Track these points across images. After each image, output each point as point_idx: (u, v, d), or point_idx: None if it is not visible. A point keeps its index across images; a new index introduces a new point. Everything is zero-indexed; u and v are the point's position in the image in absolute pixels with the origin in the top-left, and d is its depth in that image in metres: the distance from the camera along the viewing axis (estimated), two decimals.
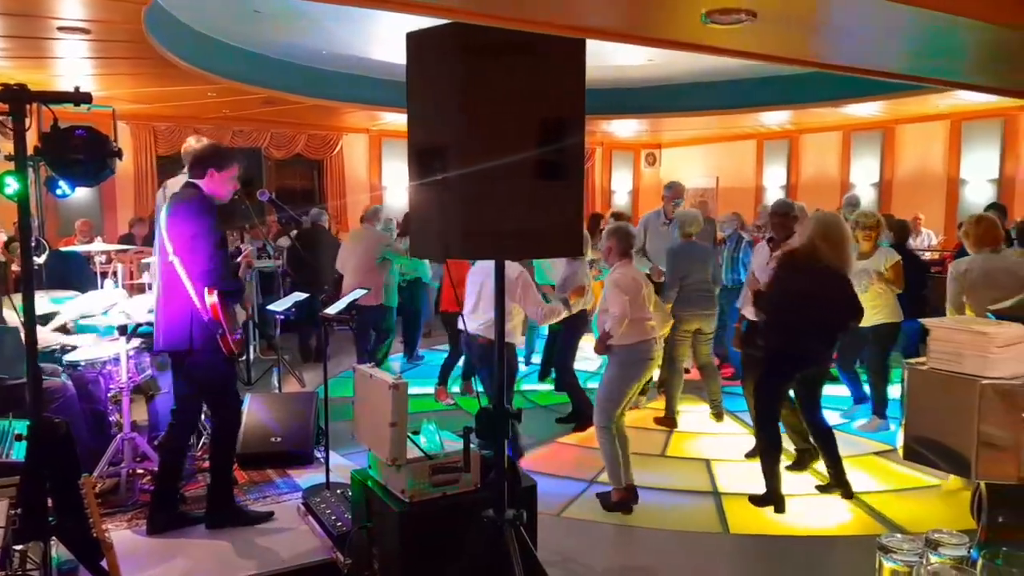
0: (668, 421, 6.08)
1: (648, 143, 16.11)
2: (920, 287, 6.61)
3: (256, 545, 3.82)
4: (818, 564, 3.80)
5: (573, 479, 4.92)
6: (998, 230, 4.66)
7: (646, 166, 16.41)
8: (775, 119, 12.56)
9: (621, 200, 16.17)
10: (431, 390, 6.79)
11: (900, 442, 1.15)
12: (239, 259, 4.59)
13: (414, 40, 2.28)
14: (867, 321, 4.80)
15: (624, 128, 14.21)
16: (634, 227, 5.67)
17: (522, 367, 7.63)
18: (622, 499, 4.39)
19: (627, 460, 4.43)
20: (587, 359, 7.14)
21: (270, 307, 6.03)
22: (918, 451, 1.05)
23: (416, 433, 3.12)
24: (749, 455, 5.27)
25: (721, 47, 1.00)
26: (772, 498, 4.40)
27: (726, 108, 11.39)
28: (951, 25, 0.98)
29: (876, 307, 5.52)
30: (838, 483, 4.55)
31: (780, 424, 4.60)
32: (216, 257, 3.71)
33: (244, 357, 6.65)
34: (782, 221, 5.21)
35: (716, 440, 5.78)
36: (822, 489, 4.66)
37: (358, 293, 4.51)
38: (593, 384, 6.31)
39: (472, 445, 2.87)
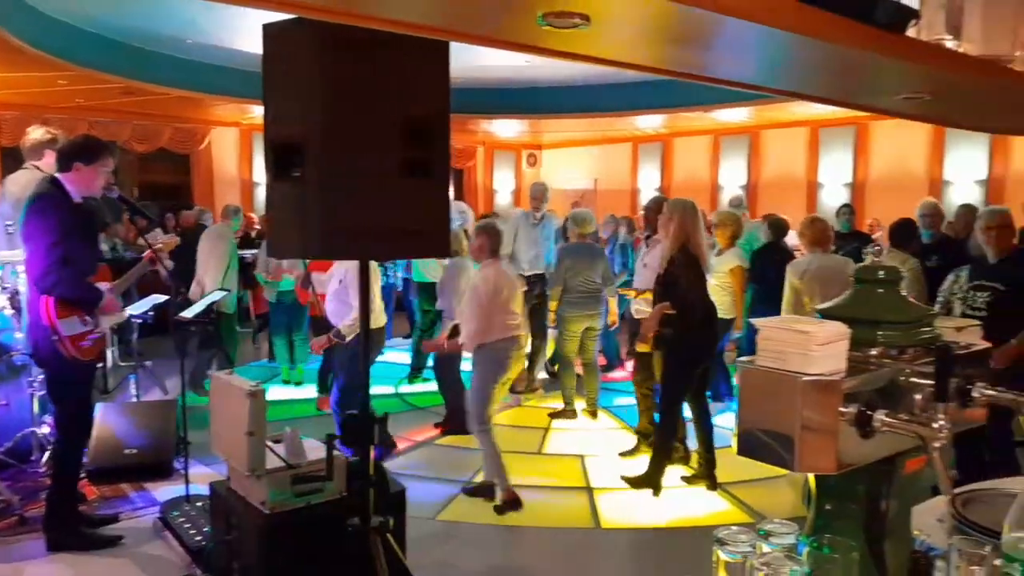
0: (568, 413, 6.18)
1: (529, 144, 16.30)
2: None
3: (103, 567, 3.56)
4: (682, 554, 3.92)
5: (448, 481, 4.88)
6: (830, 231, 4.98)
7: (527, 166, 16.60)
8: (649, 123, 12.99)
9: (504, 200, 16.28)
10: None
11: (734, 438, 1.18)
12: (144, 256, 4.27)
13: (271, 32, 2.18)
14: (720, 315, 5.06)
15: (505, 128, 14.31)
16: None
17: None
18: (512, 498, 4.40)
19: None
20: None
21: (128, 310, 5.65)
22: (749, 446, 1.08)
23: (278, 441, 3.00)
24: (625, 454, 5.38)
25: (560, 50, 0.99)
26: (655, 482, 4.54)
27: (602, 111, 11.67)
28: (789, 42, 1.00)
29: (724, 302, 5.69)
30: (707, 474, 4.73)
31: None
32: (50, 258, 3.43)
33: (101, 364, 6.23)
34: (657, 217, 5.38)
35: (589, 436, 5.89)
36: (688, 480, 4.83)
37: (218, 295, 4.30)
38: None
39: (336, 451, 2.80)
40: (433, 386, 6.95)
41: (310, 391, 6.77)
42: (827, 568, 1.17)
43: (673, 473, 4.90)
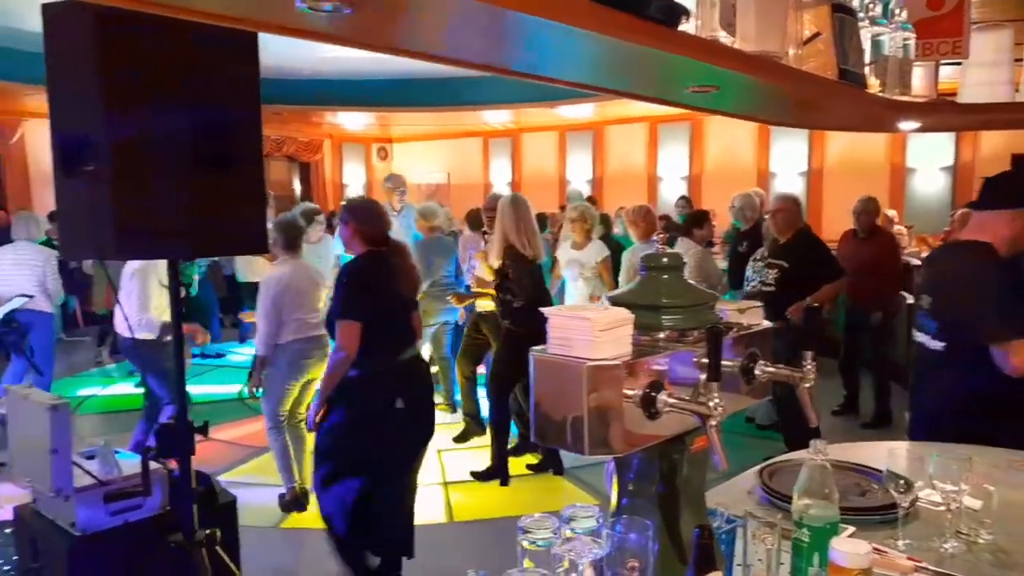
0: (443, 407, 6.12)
1: (379, 137, 16.04)
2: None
3: None
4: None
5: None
6: (656, 222, 5.30)
7: (378, 160, 16.33)
8: (498, 118, 13.12)
9: (354, 194, 15.93)
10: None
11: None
12: None
13: (51, 13, 2.00)
14: None
15: (352, 121, 14.01)
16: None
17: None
18: (295, 498, 4.31)
19: (300, 459, 4.33)
20: None
21: None
22: (544, 433, 1.09)
23: (90, 457, 2.77)
24: (458, 439, 5.50)
25: (323, 33, 0.95)
26: (501, 472, 4.58)
27: (449, 105, 11.67)
28: (566, 34, 1.01)
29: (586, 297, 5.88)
30: (550, 461, 4.84)
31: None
32: None
33: None
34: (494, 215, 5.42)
35: (449, 431, 5.87)
36: (535, 468, 4.92)
37: (17, 302, 3.92)
38: None
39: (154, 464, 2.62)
40: None
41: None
42: (627, 548, 1.21)
43: (521, 462, 4.98)
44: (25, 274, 5.66)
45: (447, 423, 6.03)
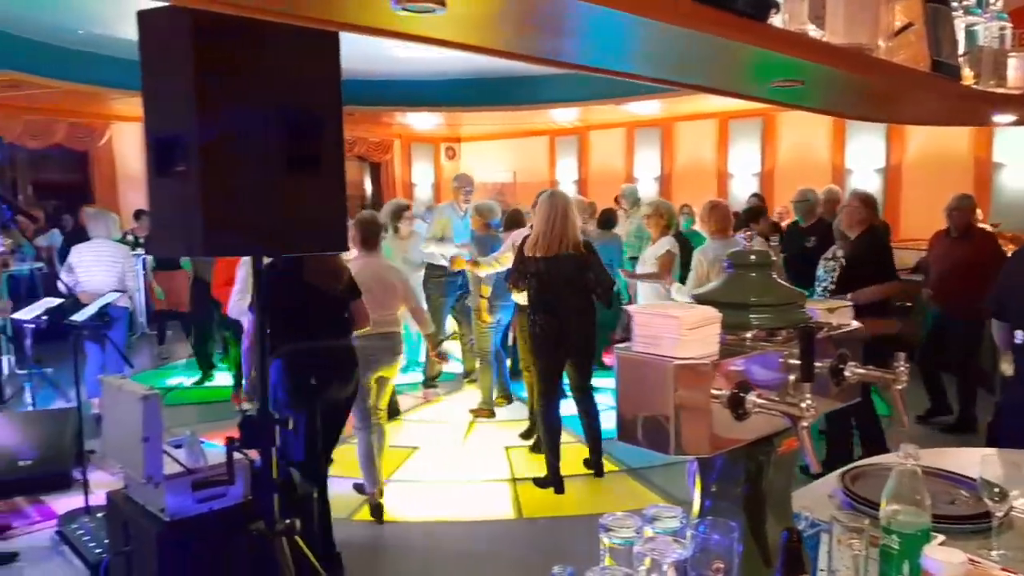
0: (485, 412, 6.15)
1: (448, 137, 16.20)
2: None
3: None
4: (594, 540, 3.97)
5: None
6: (729, 217, 5.13)
7: (446, 159, 16.50)
8: (565, 116, 13.09)
9: (423, 193, 16.14)
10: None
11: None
12: None
13: (146, 19, 2.08)
14: None
15: (422, 121, 14.19)
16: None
17: None
18: (376, 504, 4.33)
19: (381, 455, 4.39)
20: None
21: (16, 315, 5.34)
22: (629, 432, 1.08)
23: (178, 446, 2.89)
24: (524, 435, 5.49)
25: (416, 34, 0.96)
26: (554, 481, 4.58)
27: (517, 104, 11.70)
28: (652, 29, 1.00)
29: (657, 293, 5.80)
30: (592, 462, 4.81)
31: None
32: None
33: None
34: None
35: (515, 428, 5.90)
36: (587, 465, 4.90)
37: (110, 296, 4.11)
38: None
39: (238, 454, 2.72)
40: None
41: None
42: (711, 550, 1.19)
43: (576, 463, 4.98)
44: (105, 270, 5.94)
45: (512, 419, 6.07)
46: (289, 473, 3.00)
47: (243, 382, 5.83)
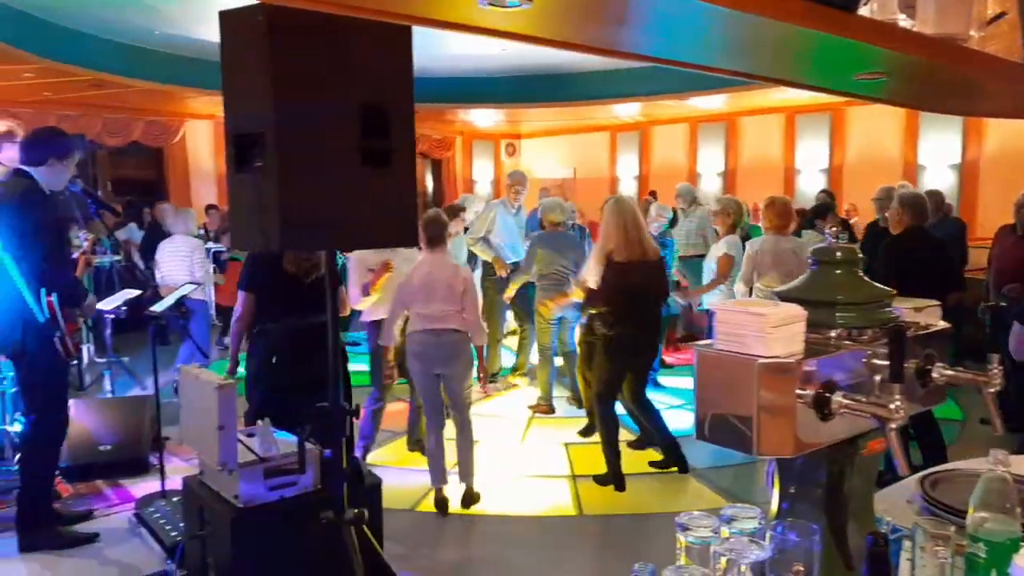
0: (545, 408, 6.15)
1: (508, 133, 16.23)
2: None
3: (77, 565, 3.53)
4: (657, 539, 3.95)
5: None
6: (790, 213, 5.00)
7: (506, 156, 16.54)
8: (626, 111, 12.97)
9: (483, 190, 16.22)
10: None
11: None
12: (75, 256, 4.25)
13: (227, 19, 2.14)
14: None
15: (483, 118, 14.25)
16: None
17: None
18: (441, 499, 4.33)
19: (464, 448, 4.43)
20: None
21: (98, 305, 5.57)
22: (708, 431, 1.07)
23: (251, 435, 2.97)
24: (583, 433, 5.48)
25: (501, 30, 0.97)
26: (615, 479, 4.55)
27: (579, 99, 11.63)
28: (735, 20, 0.99)
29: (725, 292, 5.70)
30: (674, 459, 4.74)
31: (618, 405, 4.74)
32: (52, 257, 3.49)
33: (76, 361, 6.15)
34: None
35: (576, 425, 5.88)
36: (658, 465, 4.84)
37: (187, 288, 4.25)
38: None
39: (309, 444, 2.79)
40: None
41: None
42: (790, 552, 1.17)
43: (643, 460, 4.94)
44: (180, 264, 6.16)
45: (571, 417, 6.05)
46: (358, 463, 3.05)
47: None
